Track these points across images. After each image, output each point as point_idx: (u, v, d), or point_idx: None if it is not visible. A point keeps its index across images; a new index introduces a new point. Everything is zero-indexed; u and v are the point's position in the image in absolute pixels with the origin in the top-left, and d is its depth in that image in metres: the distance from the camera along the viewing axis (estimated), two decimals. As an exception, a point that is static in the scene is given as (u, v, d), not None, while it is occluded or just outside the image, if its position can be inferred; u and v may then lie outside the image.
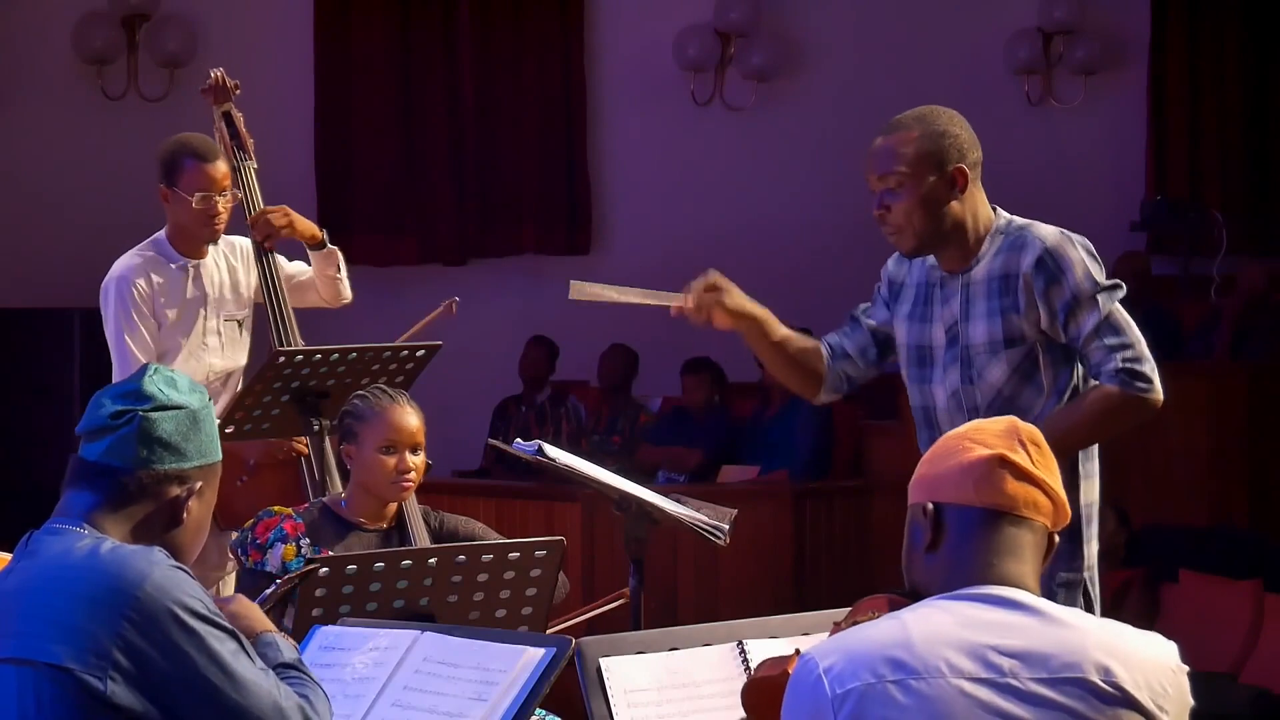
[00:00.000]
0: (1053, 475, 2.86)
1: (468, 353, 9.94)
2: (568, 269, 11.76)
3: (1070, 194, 11.98)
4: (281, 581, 4.17)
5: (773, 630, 3.59)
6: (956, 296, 4.48)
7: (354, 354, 5.91)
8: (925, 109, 4.48)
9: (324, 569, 4.22)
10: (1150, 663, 2.78)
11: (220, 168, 6.22)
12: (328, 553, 4.69)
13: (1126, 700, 2.73)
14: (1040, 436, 2.89)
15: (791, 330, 4.76)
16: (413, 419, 5.00)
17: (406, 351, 5.95)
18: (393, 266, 10.93)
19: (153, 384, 3.22)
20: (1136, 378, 4.31)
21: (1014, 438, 2.86)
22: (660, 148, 11.88)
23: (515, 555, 4.37)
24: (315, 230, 6.41)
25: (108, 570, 3.08)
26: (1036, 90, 12.45)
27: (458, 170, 11.39)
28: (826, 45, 12.12)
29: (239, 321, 6.37)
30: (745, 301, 4.66)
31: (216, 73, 6.54)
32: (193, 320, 6.27)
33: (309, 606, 4.18)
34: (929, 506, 2.84)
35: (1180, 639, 2.87)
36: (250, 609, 3.39)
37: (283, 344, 6.20)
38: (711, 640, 3.61)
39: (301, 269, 6.50)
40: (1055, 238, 4.40)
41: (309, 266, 6.49)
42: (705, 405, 10.48)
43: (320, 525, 4.97)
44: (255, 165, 6.45)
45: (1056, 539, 2.87)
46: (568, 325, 11.07)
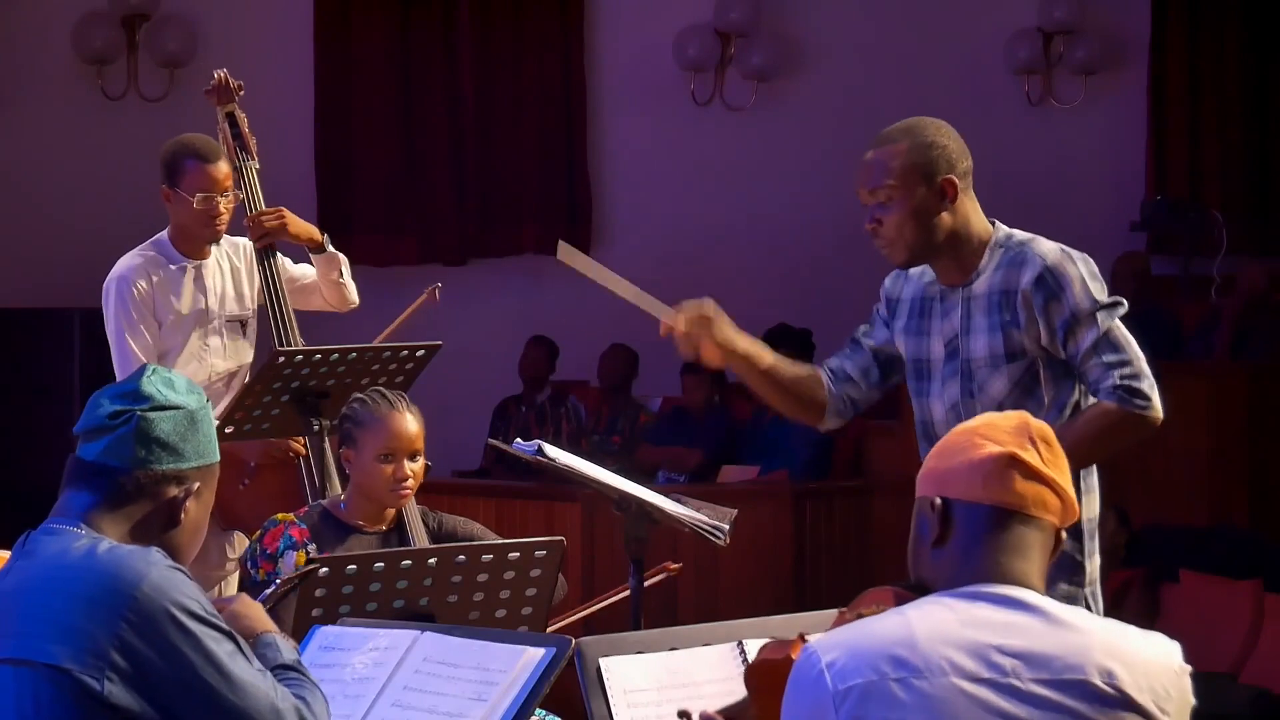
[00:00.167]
0: (1063, 474, 2.86)
1: (468, 353, 9.94)
2: (568, 269, 11.74)
3: (1070, 194, 11.98)
4: (281, 581, 4.17)
5: (772, 630, 3.58)
6: (957, 310, 4.46)
7: (354, 354, 5.91)
8: (913, 121, 4.47)
9: (324, 569, 4.22)
10: (1153, 664, 2.77)
11: (222, 168, 6.21)
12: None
13: (1127, 703, 2.73)
14: (1051, 434, 2.88)
15: (783, 359, 4.73)
16: (411, 425, 4.97)
17: (406, 351, 5.95)
18: (393, 266, 10.91)
19: (151, 384, 3.22)
20: (1135, 395, 4.29)
21: (1025, 435, 2.85)
22: (660, 147, 11.87)
23: (515, 555, 4.37)
24: (314, 233, 6.40)
25: (105, 570, 3.08)
26: (1036, 90, 12.44)
27: (458, 170, 11.38)
28: (826, 45, 12.11)
29: (242, 322, 6.36)
30: (735, 336, 4.61)
31: (220, 73, 6.54)
32: (195, 320, 6.27)
33: (309, 606, 4.18)
34: (937, 501, 2.84)
35: (1180, 639, 2.86)
36: (251, 609, 3.39)
37: (283, 345, 6.20)
38: (711, 640, 3.61)
39: (306, 271, 6.49)
40: (1056, 255, 4.38)
41: (314, 269, 6.49)
42: (705, 405, 10.48)
43: (321, 529, 4.97)
44: (258, 166, 6.46)
45: (1064, 536, 2.87)
46: (568, 325, 11.07)
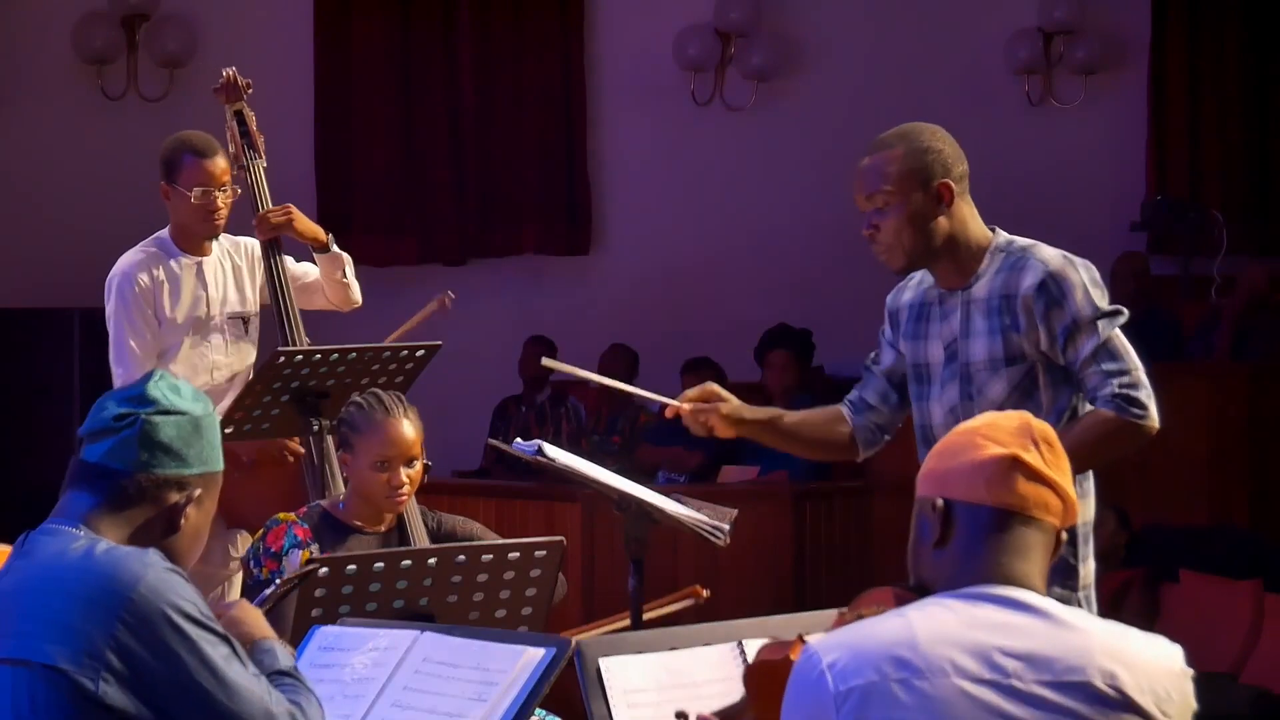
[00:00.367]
0: (1064, 475, 2.86)
1: (467, 353, 9.94)
2: (568, 269, 11.78)
3: (1070, 194, 11.98)
4: (281, 582, 4.17)
5: (772, 630, 3.58)
6: (956, 313, 4.47)
7: (354, 354, 5.91)
8: (908, 126, 4.48)
9: (324, 569, 4.21)
10: (1155, 666, 2.77)
11: (219, 163, 6.23)
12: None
13: (1129, 705, 2.73)
14: (1053, 435, 2.88)
15: (798, 415, 4.78)
16: (408, 432, 4.95)
17: (406, 352, 5.95)
18: (393, 266, 10.91)
19: (157, 389, 3.23)
20: (1132, 404, 4.29)
21: (1027, 436, 2.85)
22: (660, 147, 11.86)
23: (515, 555, 4.36)
24: (319, 232, 6.42)
25: (103, 571, 3.08)
26: (1036, 90, 12.44)
27: (458, 170, 11.38)
28: (826, 45, 12.11)
29: (244, 319, 6.38)
30: (743, 408, 4.68)
31: (229, 72, 6.56)
32: (195, 316, 6.29)
33: (309, 606, 4.18)
34: (939, 502, 2.84)
35: (1180, 639, 2.86)
36: (250, 614, 3.39)
37: (289, 342, 6.22)
38: (711, 640, 3.61)
39: (308, 270, 6.51)
40: (1058, 261, 4.38)
41: (316, 268, 6.50)
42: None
43: (321, 530, 4.96)
44: (265, 164, 6.48)
45: (1064, 536, 2.87)
46: (568, 325, 11.07)
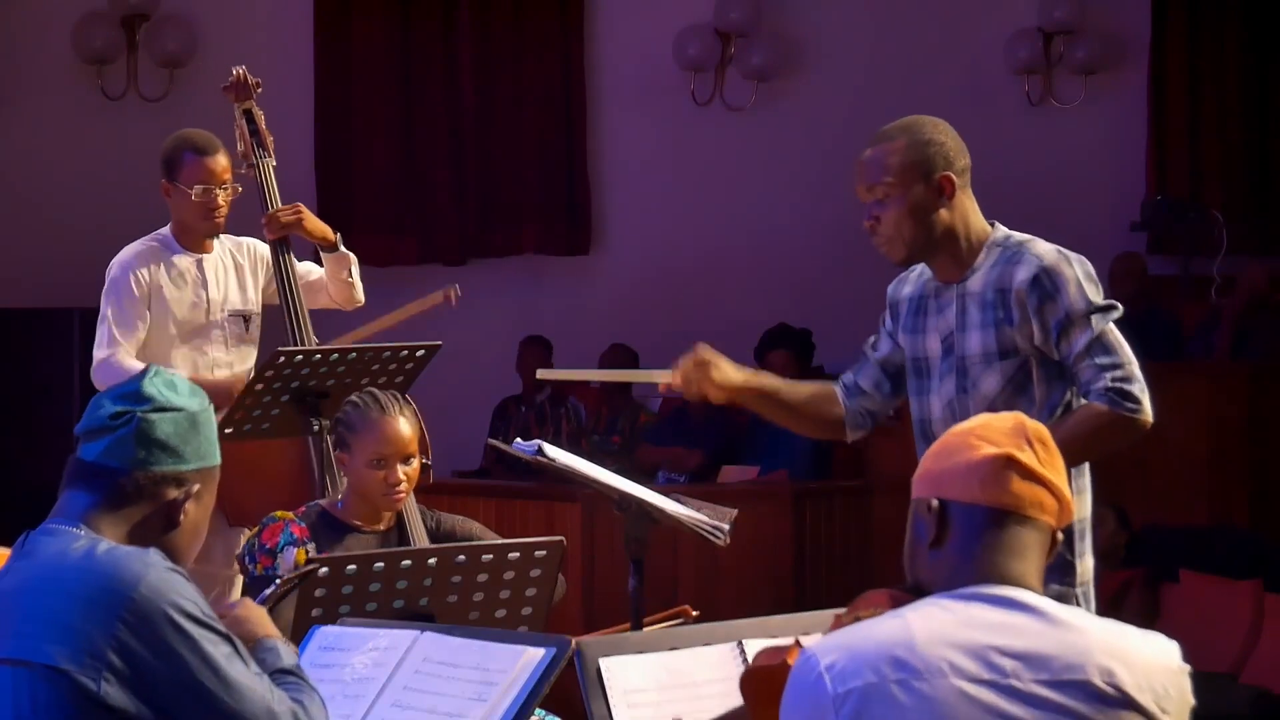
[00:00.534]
0: (1059, 474, 2.86)
1: (467, 353, 9.94)
2: (568, 269, 11.78)
3: (1070, 194, 11.98)
4: (281, 581, 4.17)
5: (772, 630, 3.58)
6: (952, 306, 4.47)
7: (354, 354, 5.92)
8: (911, 119, 4.48)
9: (324, 569, 4.21)
10: (1153, 664, 2.77)
11: (220, 161, 6.26)
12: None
13: (1128, 702, 2.73)
14: (1047, 435, 2.88)
15: (790, 382, 4.78)
16: (404, 429, 4.95)
17: (406, 351, 5.96)
18: (393, 266, 10.91)
19: (152, 385, 3.23)
20: (1125, 398, 4.29)
21: (1022, 436, 2.85)
22: (660, 147, 11.86)
23: (515, 555, 4.37)
24: (328, 231, 6.44)
25: (104, 571, 3.08)
26: (1036, 90, 12.43)
27: (458, 170, 11.37)
28: (826, 45, 12.11)
29: (244, 318, 6.39)
30: (735, 372, 4.69)
31: (239, 70, 6.57)
32: (195, 313, 6.31)
33: (309, 606, 4.18)
34: (934, 503, 2.84)
35: (1180, 639, 2.87)
36: (253, 613, 3.39)
37: (297, 339, 6.23)
38: (711, 640, 3.61)
39: (310, 269, 6.53)
40: (1052, 256, 4.38)
41: (319, 267, 6.52)
42: (705, 405, 10.43)
43: (319, 529, 4.96)
44: (274, 163, 6.49)
45: (1060, 536, 2.87)
46: (568, 325, 11.08)
